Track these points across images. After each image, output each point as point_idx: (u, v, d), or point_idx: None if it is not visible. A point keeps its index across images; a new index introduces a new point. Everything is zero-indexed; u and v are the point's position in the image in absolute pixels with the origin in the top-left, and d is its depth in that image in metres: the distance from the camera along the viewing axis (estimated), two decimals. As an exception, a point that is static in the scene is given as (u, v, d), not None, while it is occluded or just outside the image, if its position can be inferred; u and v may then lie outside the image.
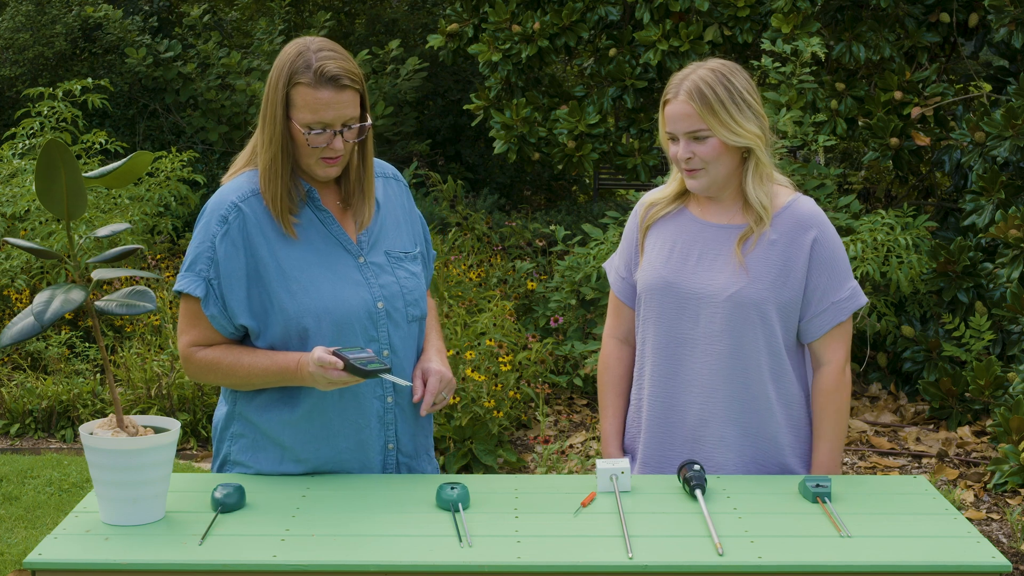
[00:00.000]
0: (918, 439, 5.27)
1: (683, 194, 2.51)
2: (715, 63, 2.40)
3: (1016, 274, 5.18)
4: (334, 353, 2.15)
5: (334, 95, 2.18)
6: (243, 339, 2.31)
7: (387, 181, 2.44)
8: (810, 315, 2.41)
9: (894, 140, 5.92)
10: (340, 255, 2.30)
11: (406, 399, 2.37)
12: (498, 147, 6.85)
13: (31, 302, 2.41)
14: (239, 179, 2.30)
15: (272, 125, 2.22)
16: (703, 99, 2.33)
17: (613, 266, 2.63)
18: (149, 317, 6.02)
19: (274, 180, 2.23)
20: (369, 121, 2.27)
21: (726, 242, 2.41)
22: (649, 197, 2.56)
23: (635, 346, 2.58)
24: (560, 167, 6.86)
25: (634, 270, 2.55)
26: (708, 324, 2.40)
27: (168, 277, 6.67)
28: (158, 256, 7.04)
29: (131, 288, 2.06)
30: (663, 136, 2.42)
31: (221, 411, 2.41)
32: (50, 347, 5.83)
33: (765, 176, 2.40)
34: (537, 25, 6.61)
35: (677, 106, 2.36)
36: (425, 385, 2.34)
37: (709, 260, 2.42)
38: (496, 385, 5.06)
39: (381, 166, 2.46)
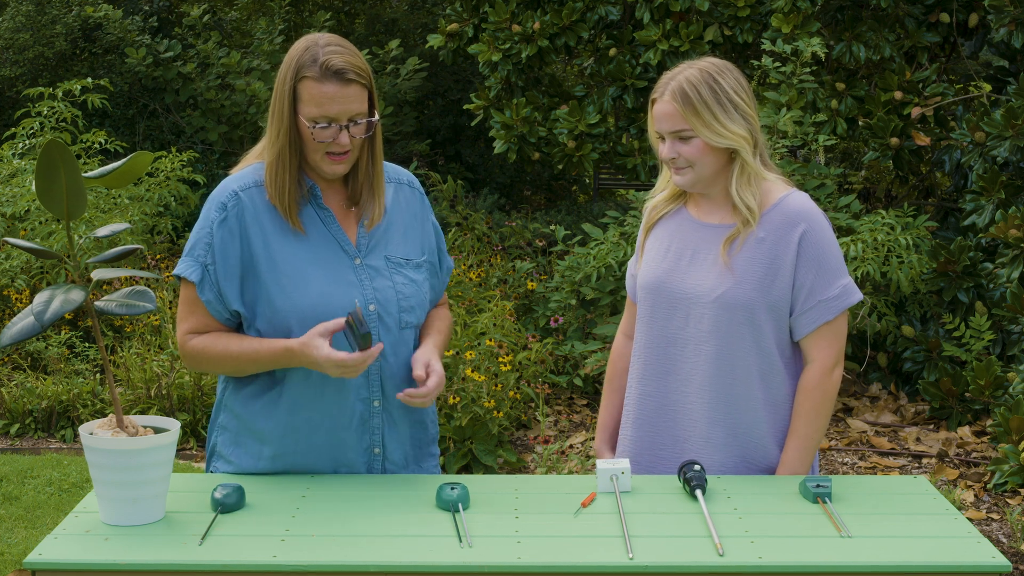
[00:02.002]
0: (918, 439, 5.27)
1: (682, 194, 2.52)
2: (705, 62, 2.39)
3: (1016, 274, 5.18)
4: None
5: (339, 89, 2.18)
6: (239, 327, 2.32)
7: (399, 187, 2.43)
8: (797, 312, 2.39)
9: (894, 140, 5.92)
10: (336, 255, 2.30)
11: (394, 405, 2.35)
12: (498, 147, 6.85)
13: (31, 302, 2.41)
14: (245, 170, 2.32)
15: (280, 120, 2.23)
16: (686, 99, 2.33)
17: (630, 265, 2.67)
18: (149, 317, 6.02)
19: (281, 174, 2.24)
20: (377, 117, 2.27)
21: (717, 242, 2.41)
22: (653, 200, 2.57)
23: None
24: (560, 167, 6.86)
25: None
26: (697, 325, 2.40)
27: (168, 277, 6.66)
28: (158, 256, 7.03)
29: (131, 288, 2.06)
30: (652, 135, 2.43)
31: (216, 401, 2.44)
32: (50, 347, 5.83)
33: (752, 177, 2.38)
34: (537, 25, 6.61)
35: (662, 106, 2.37)
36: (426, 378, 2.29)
37: (700, 260, 2.42)
38: (496, 385, 5.06)
39: (397, 171, 2.45)
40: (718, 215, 2.44)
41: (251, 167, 2.32)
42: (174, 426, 2.09)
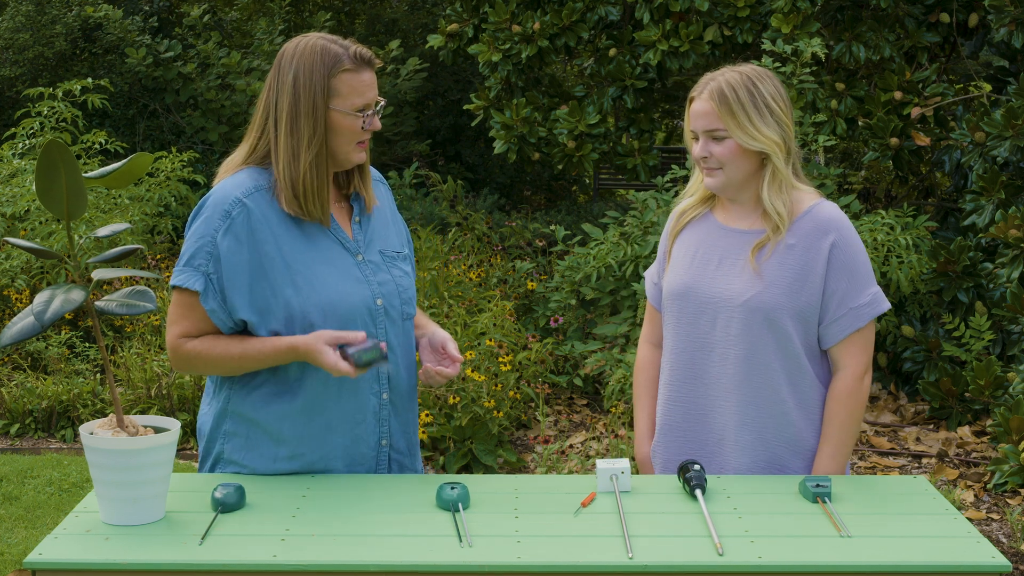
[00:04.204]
0: (918, 439, 5.27)
1: (710, 198, 2.53)
2: (747, 67, 2.43)
3: (1016, 274, 5.18)
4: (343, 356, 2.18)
5: (372, 75, 2.28)
6: (240, 332, 2.31)
7: (375, 183, 2.46)
8: (828, 320, 2.40)
9: (894, 140, 5.93)
10: (340, 252, 2.32)
11: (399, 396, 2.39)
12: (498, 147, 6.85)
13: (31, 302, 2.41)
14: (239, 176, 2.28)
15: (312, 123, 2.22)
16: (723, 100, 2.36)
17: (650, 273, 2.66)
18: (149, 317, 6.02)
19: (321, 176, 2.25)
20: (383, 100, 2.35)
21: (745, 247, 2.43)
22: (681, 206, 2.59)
23: None
24: (560, 167, 6.86)
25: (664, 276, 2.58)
26: (724, 329, 2.41)
27: (168, 277, 6.67)
28: (158, 256, 7.04)
29: (131, 288, 2.06)
30: (687, 134, 2.47)
31: (210, 409, 2.39)
32: (50, 347, 5.83)
33: (783, 184, 2.40)
34: (537, 25, 6.61)
35: (699, 104, 2.40)
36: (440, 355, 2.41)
37: (728, 265, 2.43)
38: (496, 385, 5.06)
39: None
40: (747, 221, 2.45)
41: (244, 172, 2.28)
42: (174, 426, 2.09)
